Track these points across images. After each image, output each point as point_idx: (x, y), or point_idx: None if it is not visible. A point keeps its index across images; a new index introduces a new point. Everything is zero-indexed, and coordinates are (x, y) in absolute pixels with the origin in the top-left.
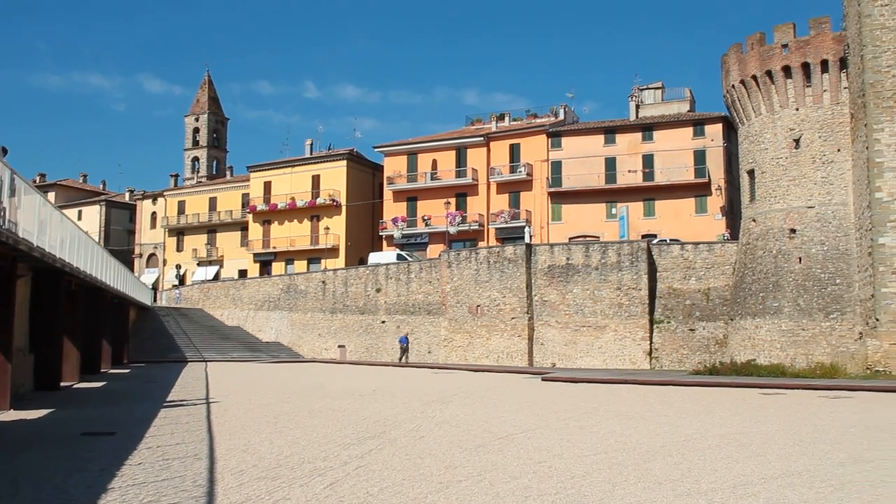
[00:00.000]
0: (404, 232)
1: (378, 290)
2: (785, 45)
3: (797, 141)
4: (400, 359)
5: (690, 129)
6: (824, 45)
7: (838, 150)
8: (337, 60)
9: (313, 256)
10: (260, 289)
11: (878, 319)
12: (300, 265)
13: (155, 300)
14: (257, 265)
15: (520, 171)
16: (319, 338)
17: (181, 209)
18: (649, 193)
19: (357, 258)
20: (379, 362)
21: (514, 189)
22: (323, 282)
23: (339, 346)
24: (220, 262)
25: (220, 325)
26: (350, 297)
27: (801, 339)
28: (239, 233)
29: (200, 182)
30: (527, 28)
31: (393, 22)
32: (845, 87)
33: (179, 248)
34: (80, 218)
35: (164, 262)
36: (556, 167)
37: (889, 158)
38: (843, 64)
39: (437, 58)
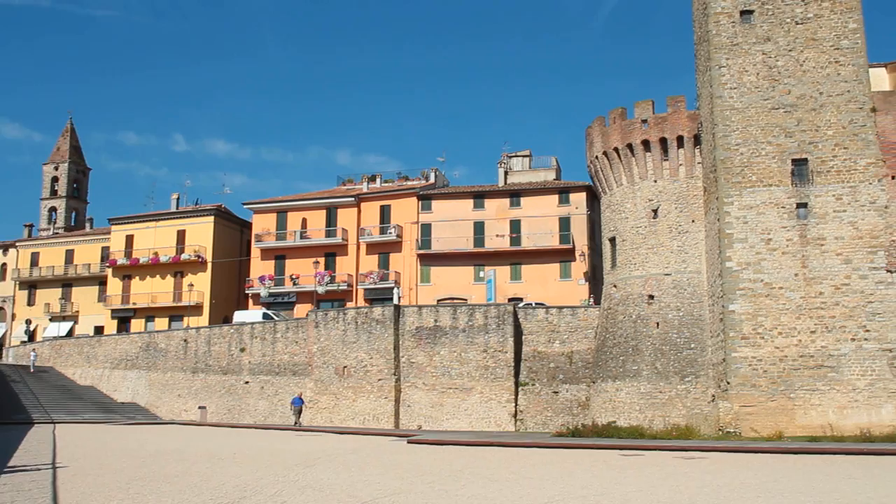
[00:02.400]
0: (272, 290)
1: (242, 350)
2: (644, 121)
3: (655, 211)
4: (295, 422)
5: (556, 197)
6: (680, 122)
7: (693, 221)
8: (207, 114)
9: (175, 314)
10: (117, 346)
11: (728, 382)
12: (161, 322)
13: (0, 357)
14: (115, 322)
15: (390, 233)
16: (179, 398)
17: (34, 261)
18: (516, 258)
19: (222, 316)
20: (241, 424)
21: (383, 250)
22: (185, 340)
23: (200, 408)
24: (74, 318)
25: (71, 384)
26: (213, 357)
27: (659, 402)
28: (97, 287)
29: (57, 233)
30: (400, 91)
31: (265, 79)
32: (699, 162)
33: (31, 302)
34: None
35: (13, 316)
36: (426, 230)
37: (738, 230)
38: (697, 140)
39: (311, 117)
